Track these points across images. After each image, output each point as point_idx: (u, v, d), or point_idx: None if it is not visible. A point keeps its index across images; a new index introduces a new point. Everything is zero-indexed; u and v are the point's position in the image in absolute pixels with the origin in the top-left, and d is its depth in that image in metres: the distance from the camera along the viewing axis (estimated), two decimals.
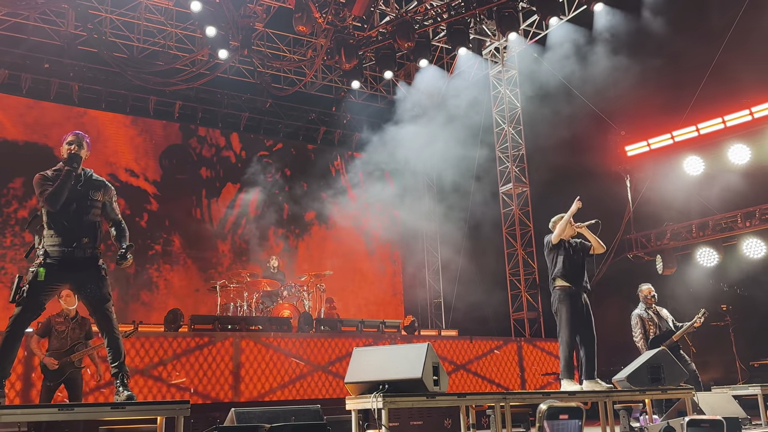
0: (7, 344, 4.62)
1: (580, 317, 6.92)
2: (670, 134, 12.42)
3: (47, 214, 4.78)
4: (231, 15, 10.80)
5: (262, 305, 11.11)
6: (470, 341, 10.93)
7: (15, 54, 12.18)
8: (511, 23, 11.69)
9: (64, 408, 4.62)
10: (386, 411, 5.03)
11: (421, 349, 5.33)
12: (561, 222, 7.00)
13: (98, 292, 4.85)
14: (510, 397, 5.87)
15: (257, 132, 14.70)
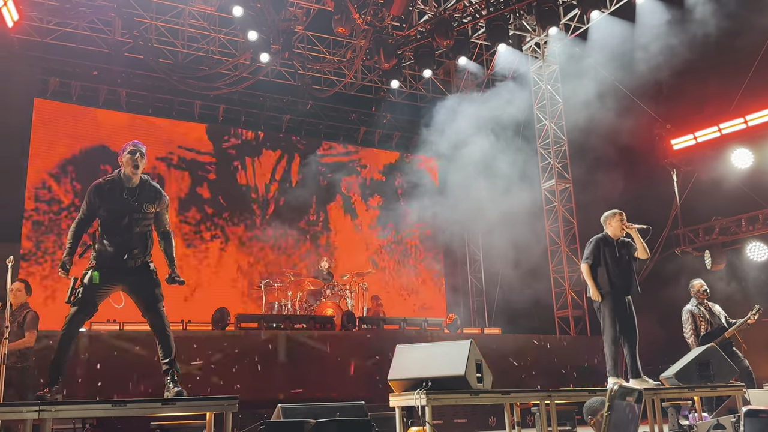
0: (64, 343, 4.79)
1: (623, 316, 6.85)
2: (717, 127, 12.12)
3: (101, 224, 4.92)
4: (272, 19, 10.94)
5: (306, 304, 11.24)
6: (514, 338, 10.85)
7: (65, 62, 12.57)
8: (551, 18, 11.55)
9: (117, 404, 4.77)
10: (429, 408, 5.04)
11: (463, 346, 5.33)
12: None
13: (150, 293, 4.99)
14: (555, 395, 5.82)
15: (298, 133, 14.85)
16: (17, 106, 11.82)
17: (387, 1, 10.69)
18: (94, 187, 4.95)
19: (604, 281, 6.87)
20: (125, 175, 4.94)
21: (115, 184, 4.95)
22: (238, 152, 14.17)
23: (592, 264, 6.93)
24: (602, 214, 7.24)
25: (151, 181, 5.12)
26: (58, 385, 4.68)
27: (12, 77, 11.70)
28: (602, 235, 7.06)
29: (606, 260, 6.89)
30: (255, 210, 13.96)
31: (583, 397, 6.23)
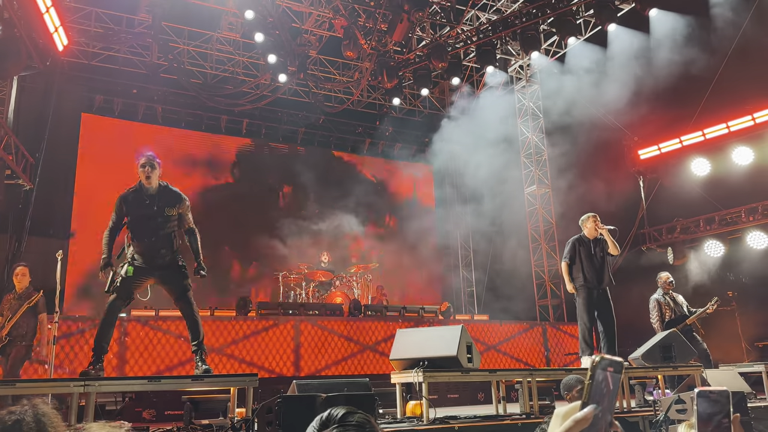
0: (105, 326, 4.81)
1: (599, 305, 6.88)
2: (679, 139, 12.16)
3: (130, 229, 4.94)
4: (289, 44, 10.95)
5: (317, 293, 11.24)
6: (500, 324, 10.84)
7: (108, 82, 12.59)
8: (533, 43, 11.55)
9: (153, 380, 4.79)
10: (426, 384, 5.05)
11: (456, 330, 5.34)
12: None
13: (179, 284, 4.99)
14: (536, 374, 5.83)
15: (312, 144, 14.86)
16: (67, 120, 11.84)
17: (390, 28, 10.70)
18: (120, 198, 4.95)
19: (579, 276, 6.92)
20: (143, 184, 4.94)
21: (137, 193, 4.94)
22: (258, 158, 14.18)
23: (569, 262, 6.98)
24: (578, 217, 7.27)
25: (170, 186, 5.08)
26: (101, 363, 4.70)
27: (62, 95, 11.73)
28: (579, 236, 7.10)
29: (581, 258, 6.94)
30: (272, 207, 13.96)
31: (560, 375, 6.22)
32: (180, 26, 12.56)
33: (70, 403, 4.14)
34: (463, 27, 12.52)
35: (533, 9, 11.53)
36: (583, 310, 6.86)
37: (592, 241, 7.00)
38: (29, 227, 10.64)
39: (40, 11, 8.01)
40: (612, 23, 11.19)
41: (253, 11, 10.16)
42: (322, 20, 12.53)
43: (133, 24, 12.26)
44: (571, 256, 7.01)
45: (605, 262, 7.03)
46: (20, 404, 1.75)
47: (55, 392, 4.88)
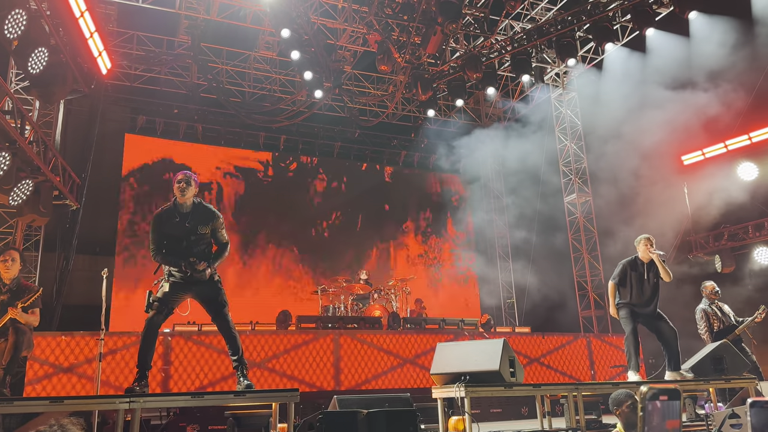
0: (146, 342, 4.86)
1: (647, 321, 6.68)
2: (724, 143, 11.78)
3: (165, 247, 4.89)
4: (324, 61, 11.06)
5: (356, 306, 11.22)
6: (542, 337, 10.61)
7: (150, 102, 12.94)
8: (569, 51, 11.38)
9: (196, 396, 4.82)
10: (468, 399, 4.96)
11: (497, 344, 5.24)
12: None
13: (216, 300, 5.01)
14: (582, 388, 5.66)
15: (347, 157, 14.94)
16: (111, 140, 12.21)
17: (423, 41, 10.70)
18: (155, 217, 4.96)
19: (626, 297, 6.71)
20: (177, 202, 4.94)
21: (170, 212, 4.93)
22: (297, 174, 14.31)
23: (617, 283, 6.78)
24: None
25: (204, 203, 5.07)
26: (145, 380, 4.75)
27: (106, 117, 12.10)
28: (632, 258, 6.87)
29: (632, 282, 6.72)
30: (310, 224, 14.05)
31: (607, 389, 6.04)
32: (218, 46, 12.83)
33: (117, 420, 4.20)
34: (497, 37, 12.43)
35: (568, 16, 11.37)
36: (626, 324, 6.67)
37: (646, 265, 6.75)
38: (76, 246, 10.95)
39: (84, 37, 8.28)
40: (650, 28, 10.94)
41: (289, 29, 10.30)
42: (356, 36, 12.64)
43: (173, 46, 12.59)
44: (621, 278, 6.80)
45: (657, 288, 6.74)
46: (48, 424, 1.76)
47: (101, 409, 4.96)
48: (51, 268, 10.60)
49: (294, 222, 13.85)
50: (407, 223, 14.83)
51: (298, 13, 10.48)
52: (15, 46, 6.54)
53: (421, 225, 15.11)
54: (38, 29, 6.87)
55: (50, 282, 10.52)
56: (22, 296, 5.32)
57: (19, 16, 6.27)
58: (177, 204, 4.94)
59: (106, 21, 11.27)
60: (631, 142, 11.99)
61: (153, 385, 7.74)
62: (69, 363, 7.81)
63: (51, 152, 8.24)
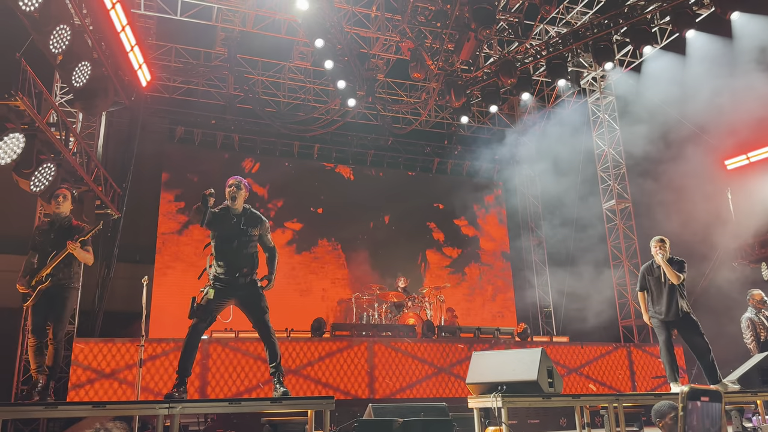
0: (188, 349, 4.94)
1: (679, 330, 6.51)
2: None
3: (214, 247, 5.08)
4: (357, 70, 11.13)
5: (390, 314, 11.20)
6: (581, 347, 10.40)
7: (188, 113, 13.23)
8: (606, 54, 11.19)
9: (233, 402, 4.87)
10: (505, 410, 4.88)
11: (535, 353, 5.15)
12: None
13: (258, 306, 5.09)
14: (623, 398, 5.52)
15: (381, 165, 14.97)
16: (151, 151, 12.49)
17: (457, 47, 10.67)
18: (211, 211, 5.09)
19: (650, 306, 6.61)
20: (229, 206, 5.12)
21: (225, 212, 5.12)
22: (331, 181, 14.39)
23: (640, 290, 6.72)
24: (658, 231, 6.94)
25: (253, 209, 5.25)
26: (184, 386, 4.82)
27: (146, 128, 12.41)
28: (648, 264, 6.73)
29: (650, 287, 6.63)
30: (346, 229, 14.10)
31: (649, 400, 5.87)
32: (254, 58, 13.05)
33: (156, 425, 4.26)
34: (531, 42, 12.32)
35: (605, 20, 11.19)
36: (657, 334, 6.59)
37: (662, 268, 6.58)
38: (117, 254, 11.23)
39: (125, 50, 8.53)
40: (690, 29, 10.68)
41: (323, 40, 10.41)
42: (389, 44, 12.69)
43: (210, 58, 12.86)
44: (642, 285, 6.70)
45: (673, 291, 6.46)
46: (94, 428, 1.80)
47: (141, 414, 5.04)
48: (93, 276, 10.89)
49: (329, 230, 13.91)
50: (440, 231, 14.75)
51: (332, 23, 10.58)
52: (60, 60, 6.77)
53: (454, 232, 15.01)
54: (81, 44, 7.10)
55: (92, 289, 10.80)
56: (74, 234, 5.34)
57: (64, 32, 6.49)
58: (229, 207, 5.12)
59: (145, 34, 11.58)
60: (672, 146, 11.71)
61: (191, 390, 7.86)
62: (110, 369, 8.00)
63: (93, 163, 8.49)
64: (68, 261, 5.36)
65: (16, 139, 6.05)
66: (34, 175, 6.53)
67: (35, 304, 5.23)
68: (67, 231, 5.44)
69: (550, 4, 10.13)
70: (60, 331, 5.35)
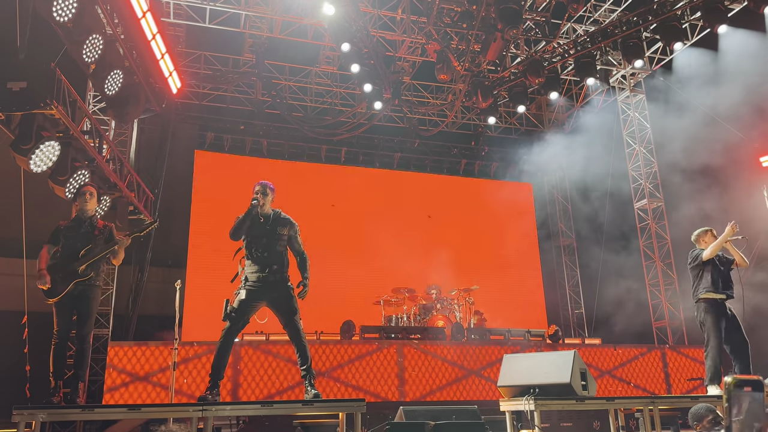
0: (221, 352, 4.97)
1: (727, 326, 6.29)
2: None
3: (246, 248, 5.16)
4: (383, 72, 11.13)
5: (419, 317, 11.14)
6: (614, 349, 10.20)
7: (217, 119, 13.39)
8: (636, 52, 10.97)
9: (265, 405, 4.88)
10: (538, 413, 4.80)
11: (568, 356, 5.05)
12: (715, 244, 6.41)
13: (289, 307, 5.11)
14: (658, 401, 5.39)
15: (408, 168, 14.93)
16: (182, 157, 12.68)
17: (483, 48, 10.58)
18: (236, 219, 5.23)
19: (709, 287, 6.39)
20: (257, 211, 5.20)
21: (253, 217, 5.20)
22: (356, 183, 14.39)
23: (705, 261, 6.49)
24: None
25: (282, 213, 5.34)
26: (217, 388, 4.85)
27: (177, 134, 12.61)
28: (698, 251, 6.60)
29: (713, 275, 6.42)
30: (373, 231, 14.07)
31: (685, 403, 5.72)
32: (281, 63, 13.17)
33: (190, 427, 4.29)
34: (559, 41, 12.16)
35: (634, 17, 10.98)
36: (714, 333, 6.29)
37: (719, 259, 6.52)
38: (150, 258, 11.41)
39: (156, 58, 8.66)
40: (722, 25, 10.40)
41: (349, 44, 10.43)
42: (415, 46, 12.66)
43: (239, 64, 13.01)
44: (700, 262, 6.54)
45: (730, 276, 6.55)
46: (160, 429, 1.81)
47: (175, 416, 5.09)
48: (127, 281, 11.08)
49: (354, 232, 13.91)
50: (469, 232, 14.63)
51: (358, 27, 10.60)
52: (93, 69, 6.90)
53: (483, 234, 14.87)
54: (113, 53, 7.22)
55: (126, 294, 11.00)
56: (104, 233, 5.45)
57: (96, 41, 6.61)
58: (258, 211, 5.22)
59: (175, 42, 11.77)
60: (705, 144, 11.41)
61: (223, 393, 7.92)
62: (144, 372, 8.11)
63: (126, 169, 8.63)
64: (99, 259, 5.39)
65: (51, 147, 6.18)
66: (69, 182, 6.66)
67: (60, 302, 5.18)
68: (96, 230, 5.47)
69: (577, 3, 10.00)
70: (88, 332, 5.30)
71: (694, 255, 6.61)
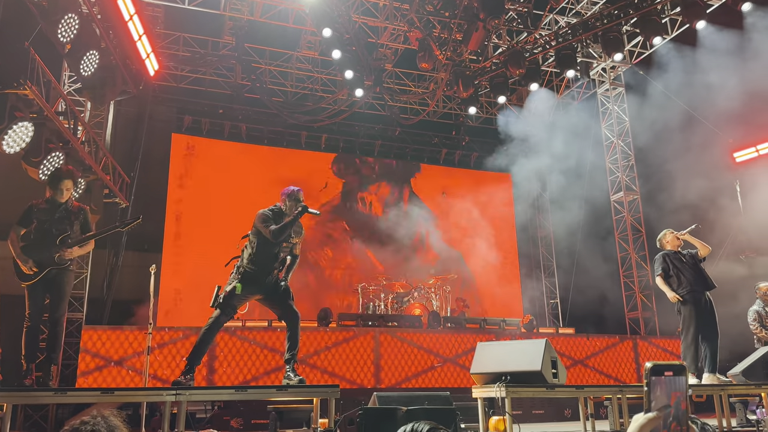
0: (205, 340, 4.99)
1: (704, 314, 6.53)
2: None
3: (256, 246, 5.10)
4: (365, 59, 11.11)
5: (396, 305, 11.25)
6: (587, 338, 10.42)
7: (196, 103, 13.26)
8: (616, 45, 11.11)
9: (240, 389, 4.93)
10: (509, 400, 4.91)
11: (539, 344, 5.18)
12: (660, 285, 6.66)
13: (282, 296, 5.18)
14: (627, 390, 5.55)
15: (388, 156, 14.97)
16: (159, 140, 12.56)
17: (465, 37, 10.63)
18: (263, 214, 5.13)
19: (682, 285, 6.60)
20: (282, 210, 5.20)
21: (280, 216, 5.16)
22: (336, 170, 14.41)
23: (664, 275, 6.70)
24: (670, 224, 7.00)
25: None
26: (192, 374, 4.87)
27: (154, 117, 12.47)
28: (665, 251, 6.84)
29: (677, 268, 6.65)
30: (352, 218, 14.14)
31: None
32: (262, 47, 13.05)
33: (163, 411, 4.33)
34: (541, 32, 12.25)
35: (615, 10, 11.11)
36: (692, 324, 6.51)
37: (680, 253, 6.79)
38: (125, 243, 11.32)
39: (133, 39, 8.55)
40: (701, 20, 10.58)
41: (331, 29, 10.39)
42: (397, 34, 12.65)
43: (218, 47, 12.87)
44: (664, 268, 6.73)
45: (700, 267, 6.76)
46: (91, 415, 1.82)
47: (149, 400, 5.11)
48: (102, 264, 10.99)
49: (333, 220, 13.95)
50: (448, 222, 14.75)
51: (340, 12, 10.57)
52: (68, 49, 6.80)
53: (461, 223, 15.01)
54: (90, 33, 7.13)
55: (101, 277, 10.91)
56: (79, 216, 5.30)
57: (72, 21, 6.52)
58: (283, 211, 5.20)
59: (153, 23, 11.61)
60: (681, 138, 11.65)
61: (198, 378, 7.95)
62: (119, 356, 8.10)
63: (102, 152, 8.55)
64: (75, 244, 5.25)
65: (24, 128, 6.10)
66: (42, 164, 6.59)
67: (33, 285, 5.07)
68: (71, 214, 5.29)
69: None
70: (61, 315, 5.22)
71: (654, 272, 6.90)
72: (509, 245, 15.39)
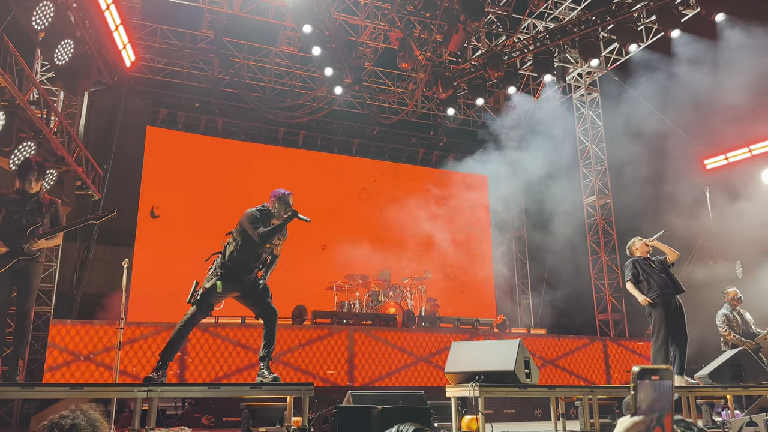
0: (179, 337, 4.92)
1: (673, 318, 6.67)
2: (748, 148, 11.62)
3: (240, 244, 5.04)
4: (345, 57, 11.09)
5: (371, 303, 11.25)
6: (558, 339, 10.56)
7: (172, 96, 13.07)
8: (592, 51, 11.28)
9: (212, 387, 4.88)
10: (482, 399, 4.96)
11: (513, 344, 5.22)
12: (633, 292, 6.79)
13: (261, 294, 5.15)
14: (597, 391, 5.64)
15: (366, 155, 14.96)
16: (133, 132, 12.34)
17: (445, 39, 10.67)
18: (251, 214, 5.09)
19: (653, 289, 6.74)
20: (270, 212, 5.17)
21: (266, 215, 5.14)
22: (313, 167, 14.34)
23: (634, 280, 6.85)
24: (640, 228, 7.15)
25: None
26: (164, 370, 4.80)
27: (129, 109, 12.25)
28: (634, 258, 7.00)
29: (647, 273, 6.81)
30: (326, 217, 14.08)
31: (622, 392, 6.01)
32: (240, 41, 12.91)
33: (134, 408, 4.26)
34: (519, 36, 12.36)
35: (592, 16, 11.27)
36: (662, 327, 6.65)
37: (650, 259, 6.95)
38: (97, 236, 11.11)
39: (109, 29, 8.39)
40: (676, 29, 10.79)
41: (311, 25, 10.34)
42: (378, 33, 12.65)
43: (196, 40, 12.70)
44: (634, 274, 6.88)
45: (669, 271, 6.94)
46: (70, 409, 1.79)
47: (120, 396, 5.03)
48: (72, 257, 10.77)
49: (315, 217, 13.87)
50: (424, 222, 14.79)
51: (320, 9, 10.52)
52: (42, 37, 6.65)
53: (437, 223, 15.07)
54: (65, 21, 6.97)
55: (70, 271, 10.69)
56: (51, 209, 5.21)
57: (47, 8, 6.37)
58: (271, 213, 5.18)
59: (130, 14, 11.39)
60: (654, 145, 11.87)
61: (169, 375, 7.84)
62: (88, 351, 7.95)
63: (74, 143, 8.37)
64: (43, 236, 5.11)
65: None
66: (13, 153, 6.43)
67: (0, 276, 4.94)
68: (43, 206, 5.17)
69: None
70: (29, 308, 5.09)
71: (625, 278, 7.06)
72: (484, 246, 15.50)
